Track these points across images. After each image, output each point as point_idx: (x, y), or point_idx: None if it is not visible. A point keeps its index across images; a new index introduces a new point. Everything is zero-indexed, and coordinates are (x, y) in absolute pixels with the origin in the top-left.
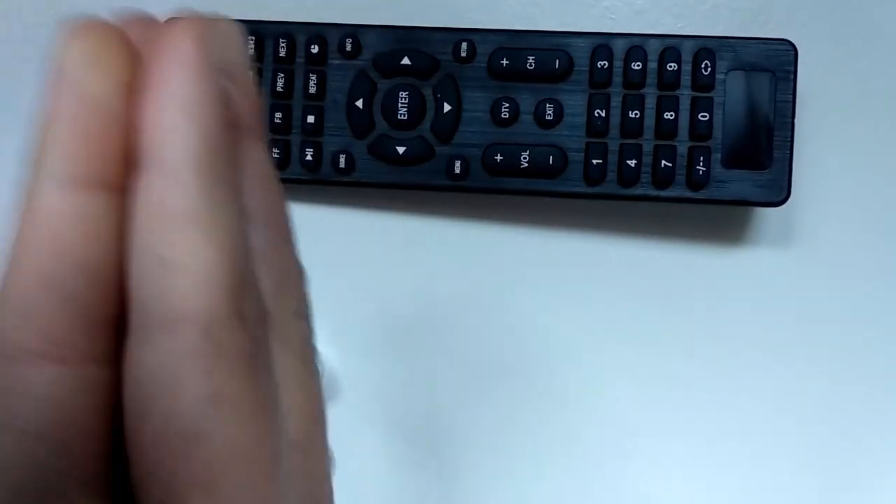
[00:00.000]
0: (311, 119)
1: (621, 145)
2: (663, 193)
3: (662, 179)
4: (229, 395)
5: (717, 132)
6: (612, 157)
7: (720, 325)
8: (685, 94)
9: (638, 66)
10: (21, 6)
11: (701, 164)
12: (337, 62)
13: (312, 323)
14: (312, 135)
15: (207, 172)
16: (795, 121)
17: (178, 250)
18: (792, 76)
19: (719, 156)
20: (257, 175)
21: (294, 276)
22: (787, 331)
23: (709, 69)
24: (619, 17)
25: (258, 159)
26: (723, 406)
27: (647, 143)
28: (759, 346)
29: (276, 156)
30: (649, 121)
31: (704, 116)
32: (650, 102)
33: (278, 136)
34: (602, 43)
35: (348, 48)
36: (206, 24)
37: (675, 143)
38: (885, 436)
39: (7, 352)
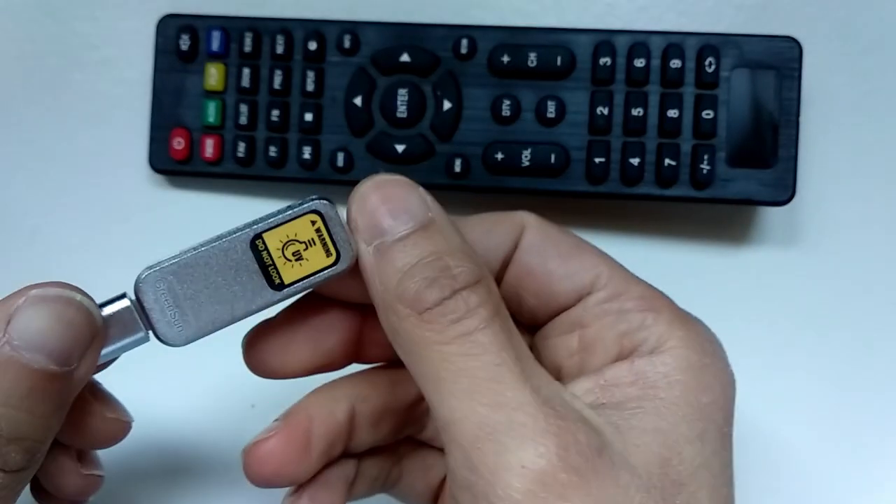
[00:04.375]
0: (308, 117)
1: (624, 143)
2: (667, 192)
3: (666, 178)
4: None
5: (722, 130)
6: (615, 156)
7: (725, 324)
8: (689, 92)
9: (641, 63)
10: (17, 5)
11: (705, 162)
12: (335, 59)
13: None
14: (310, 133)
15: None
16: (801, 119)
17: None
18: (797, 74)
19: (724, 154)
20: None
21: None
22: (792, 330)
23: (713, 66)
24: (622, 13)
25: None
26: None
27: (651, 141)
28: (764, 345)
29: (273, 154)
30: (652, 119)
31: (709, 114)
32: (653, 100)
33: (275, 133)
34: (604, 40)
35: (347, 45)
36: None
37: (679, 142)
38: (891, 435)
39: None
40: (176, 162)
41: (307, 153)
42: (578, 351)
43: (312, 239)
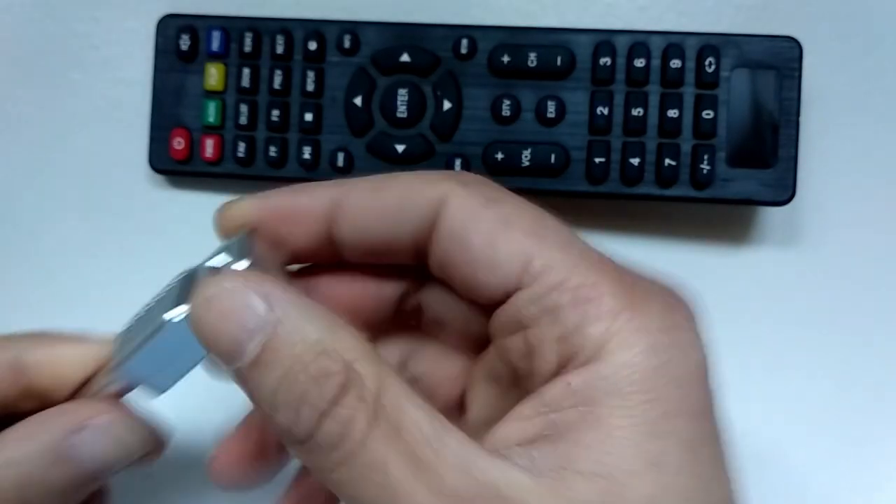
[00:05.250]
0: (308, 117)
1: (624, 143)
2: (667, 192)
3: (666, 178)
4: None
5: (722, 130)
6: (615, 156)
7: (725, 325)
8: (689, 92)
9: (641, 63)
10: (17, 5)
11: (705, 162)
12: (335, 59)
13: None
14: (310, 133)
15: None
16: (801, 119)
17: None
18: (797, 74)
19: (724, 154)
20: None
21: None
22: (792, 330)
23: (713, 66)
24: (622, 13)
25: None
26: (726, 406)
27: (651, 141)
28: (763, 345)
29: (273, 154)
30: (653, 119)
31: (709, 114)
32: (653, 100)
33: (275, 133)
34: (604, 40)
35: (347, 45)
36: None
37: (679, 142)
38: (891, 435)
39: None
40: (176, 162)
41: (307, 153)
42: (526, 355)
43: None
